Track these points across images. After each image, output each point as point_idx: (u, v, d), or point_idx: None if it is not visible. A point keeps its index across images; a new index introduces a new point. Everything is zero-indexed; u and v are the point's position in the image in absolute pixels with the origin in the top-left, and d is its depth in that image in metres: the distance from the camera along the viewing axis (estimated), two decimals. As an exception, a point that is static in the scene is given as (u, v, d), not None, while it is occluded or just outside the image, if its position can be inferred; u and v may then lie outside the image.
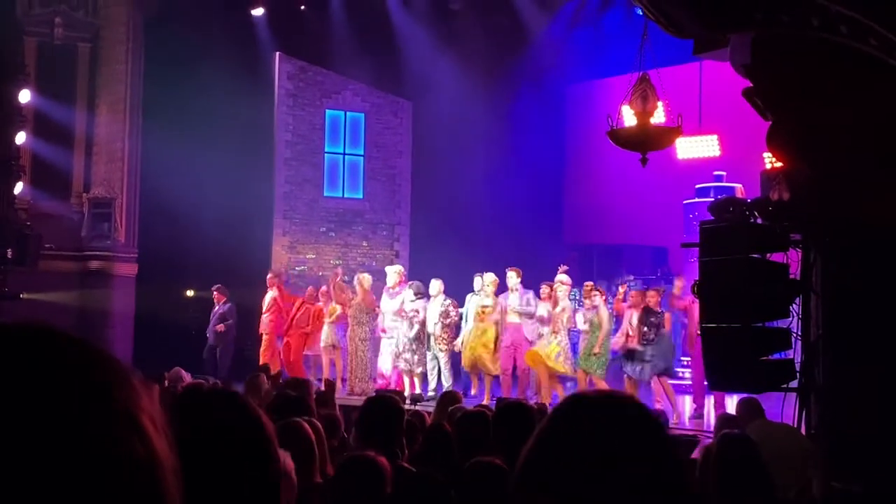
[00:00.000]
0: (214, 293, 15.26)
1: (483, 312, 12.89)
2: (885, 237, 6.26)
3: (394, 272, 13.98)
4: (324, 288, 14.91)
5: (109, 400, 0.85)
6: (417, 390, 13.07)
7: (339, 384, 13.91)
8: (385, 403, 4.50)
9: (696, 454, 8.03)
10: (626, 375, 11.87)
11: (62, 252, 16.18)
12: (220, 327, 15.03)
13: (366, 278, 14.08)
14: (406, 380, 13.30)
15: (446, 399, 7.31)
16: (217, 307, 15.23)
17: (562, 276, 12.54)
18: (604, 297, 12.36)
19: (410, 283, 13.49)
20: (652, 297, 11.89)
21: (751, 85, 7.08)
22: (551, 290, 12.55)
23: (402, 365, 13.20)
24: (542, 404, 9.61)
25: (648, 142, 8.34)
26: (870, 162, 6.10)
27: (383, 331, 13.61)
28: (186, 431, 1.58)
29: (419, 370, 13.17)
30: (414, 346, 13.10)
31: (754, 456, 4.84)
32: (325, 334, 14.28)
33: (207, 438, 1.60)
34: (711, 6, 5.80)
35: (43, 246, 15.35)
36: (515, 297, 12.90)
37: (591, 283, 12.72)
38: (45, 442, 0.80)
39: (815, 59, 5.95)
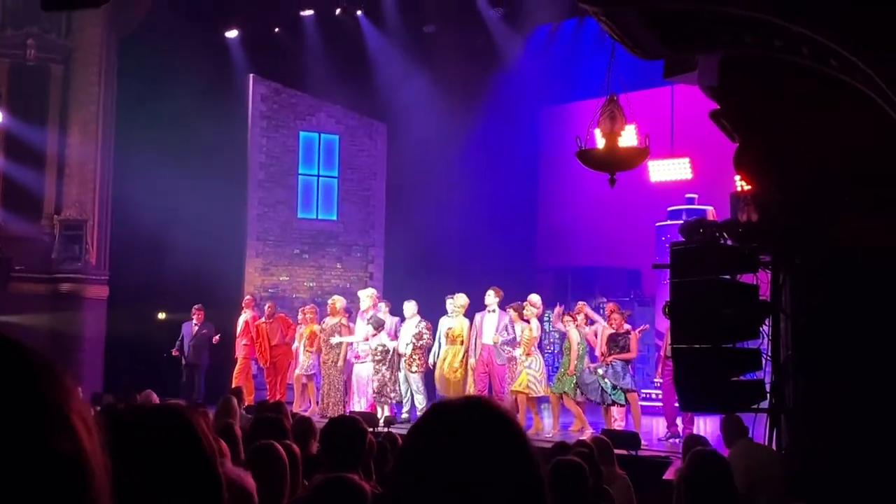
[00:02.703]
0: (196, 312, 15.15)
1: (447, 335, 12.93)
2: (850, 255, 6.32)
3: (366, 296, 13.94)
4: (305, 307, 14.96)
5: (38, 398, 0.85)
6: (387, 413, 13.02)
7: (314, 408, 13.82)
8: (345, 424, 4.48)
9: (668, 475, 8.04)
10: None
11: (33, 274, 16.02)
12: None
13: (338, 300, 14.04)
14: (378, 407, 13.23)
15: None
16: (197, 326, 15.15)
17: (532, 297, 12.63)
18: (576, 322, 12.43)
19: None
20: (615, 319, 12.03)
21: (718, 107, 7.16)
22: (518, 313, 12.57)
23: (377, 391, 13.15)
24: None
25: (616, 162, 8.38)
26: (836, 178, 6.16)
27: (356, 356, 13.53)
28: (125, 450, 1.55)
29: (392, 394, 13.13)
30: (386, 371, 13.08)
31: (726, 473, 4.85)
32: (303, 363, 14.23)
33: (147, 457, 1.56)
34: (676, 28, 5.85)
35: (13, 268, 15.22)
36: (493, 318, 12.85)
37: (560, 308, 12.82)
38: None
39: (781, 78, 6.01)
